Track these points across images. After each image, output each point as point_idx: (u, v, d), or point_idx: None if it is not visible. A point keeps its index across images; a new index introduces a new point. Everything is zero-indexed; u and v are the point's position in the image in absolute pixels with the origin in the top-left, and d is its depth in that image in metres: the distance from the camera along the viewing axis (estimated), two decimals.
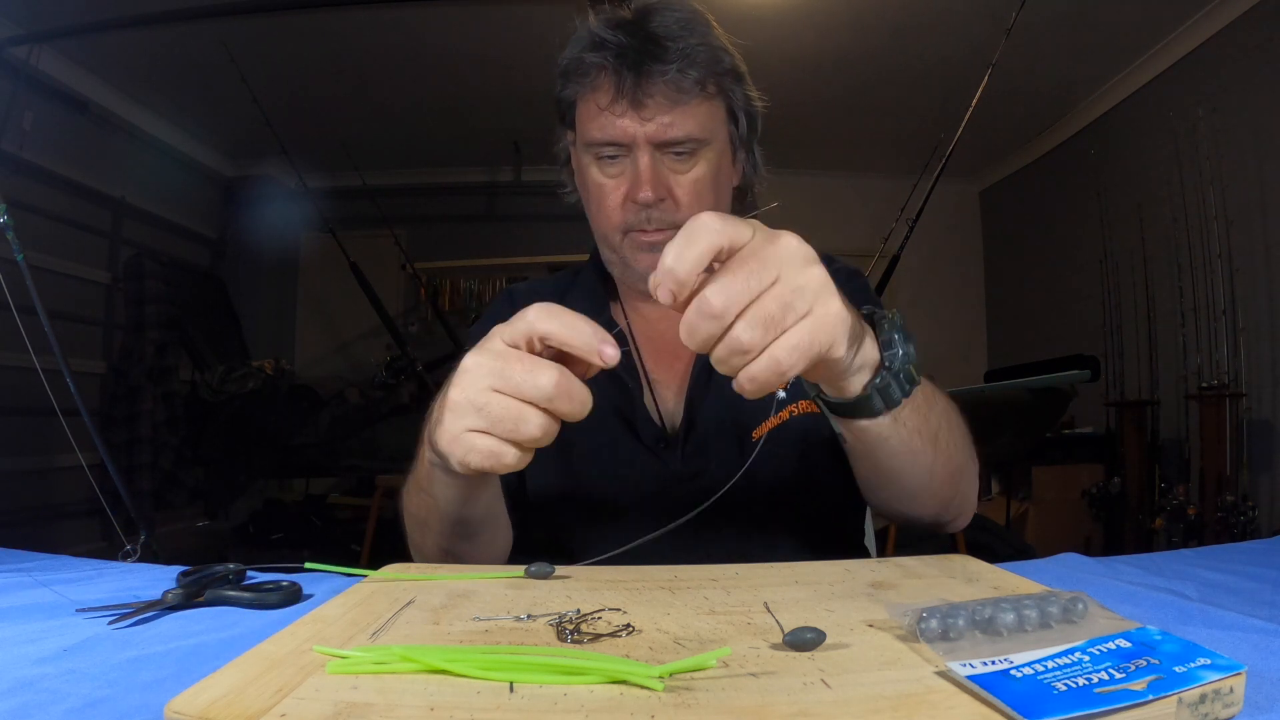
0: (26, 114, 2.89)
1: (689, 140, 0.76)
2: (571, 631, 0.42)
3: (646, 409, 0.82)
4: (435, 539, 0.68)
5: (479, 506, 0.65)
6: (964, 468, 0.68)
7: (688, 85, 0.74)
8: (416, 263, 4.18)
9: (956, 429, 0.66)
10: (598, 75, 0.76)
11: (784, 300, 0.44)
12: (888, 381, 0.55)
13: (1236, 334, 2.74)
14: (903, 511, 0.71)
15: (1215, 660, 0.33)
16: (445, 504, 0.62)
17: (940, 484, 0.66)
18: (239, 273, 4.31)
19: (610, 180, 0.78)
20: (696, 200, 0.77)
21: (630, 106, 0.75)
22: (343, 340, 4.66)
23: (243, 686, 0.35)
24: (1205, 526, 2.66)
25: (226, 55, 2.82)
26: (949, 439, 0.64)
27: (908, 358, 0.55)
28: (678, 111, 0.75)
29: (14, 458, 2.83)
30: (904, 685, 0.34)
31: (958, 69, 2.88)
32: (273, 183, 4.31)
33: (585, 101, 0.79)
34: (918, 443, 0.60)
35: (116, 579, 0.67)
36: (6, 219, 1.38)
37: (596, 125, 0.77)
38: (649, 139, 0.75)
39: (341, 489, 4.04)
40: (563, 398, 0.46)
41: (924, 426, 0.60)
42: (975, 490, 0.72)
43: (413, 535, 0.72)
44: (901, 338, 0.55)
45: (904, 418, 0.58)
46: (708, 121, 0.77)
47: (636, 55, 0.74)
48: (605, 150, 0.78)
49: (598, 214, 0.80)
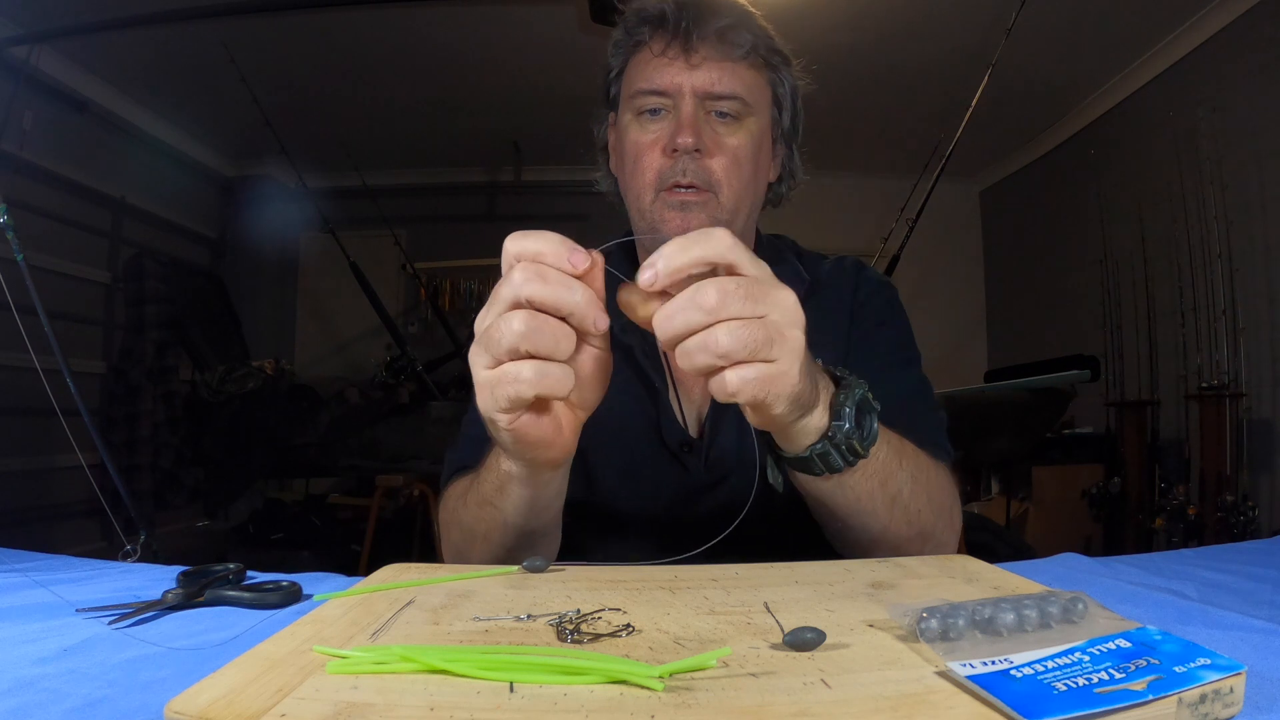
0: (26, 114, 2.88)
1: (734, 98, 0.77)
2: (571, 631, 0.42)
3: (671, 408, 0.82)
4: (491, 550, 0.67)
5: (548, 515, 0.65)
6: (930, 533, 0.67)
7: (740, 42, 0.76)
8: (416, 263, 4.18)
9: (925, 494, 0.65)
10: (652, 32, 0.78)
11: (768, 336, 0.46)
12: (828, 450, 0.56)
13: (1236, 334, 2.74)
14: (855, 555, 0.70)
15: (1215, 660, 0.33)
16: (513, 514, 0.62)
17: (898, 542, 0.65)
18: (239, 273, 4.31)
19: (650, 136, 0.78)
20: (734, 164, 0.77)
21: (682, 52, 0.76)
22: (343, 340, 4.66)
23: (243, 686, 0.35)
24: (1205, 526, 2.66)
25: (226, 55, 2.82)
26: (913, 503, 0.64)
27: (854, 431, 0.56)
28: (726, 66, 0.76)
29: (14, 458, 2.83)
30: (904, 685, 0.34)
31: (958, 69, 2.88)
32: (273, 183, 4.31)
33: (635, 58, 0.80)
34: (867, 505, 0.61)
35: (116, 579, 0.67)
36: (6, 219, 1.38)
37: (644, 75, 0.78)
38: (695, 89, 0.76)
39: (341, 489, 4.04)
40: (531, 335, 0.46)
41: (878, 490, 0.61)
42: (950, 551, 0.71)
43: (459, 546, 0.72)
44: (853, 412, 0.56)
45: (850, 482, 0.59)
46: (754, 88, 0.78)
47: (695, 9, 0.76)
48: (650, 102, 0.78)
49: (634, 173, 0.80)
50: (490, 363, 0.48)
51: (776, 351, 0.47)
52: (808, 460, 0.57)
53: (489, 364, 0.48)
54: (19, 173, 2.85)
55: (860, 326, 0.84)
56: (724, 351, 0.45)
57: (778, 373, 0.47)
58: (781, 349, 0.47)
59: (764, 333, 0.46)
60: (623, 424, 0.83)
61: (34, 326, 1.39)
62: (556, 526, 0.70)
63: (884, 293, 0.88)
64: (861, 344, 0.83)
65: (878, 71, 3.42)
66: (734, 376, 0.46)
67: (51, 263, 2.94)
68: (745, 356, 0.46)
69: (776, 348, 0.47)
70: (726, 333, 0.45)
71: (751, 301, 0.45)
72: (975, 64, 2.58)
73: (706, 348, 0.45)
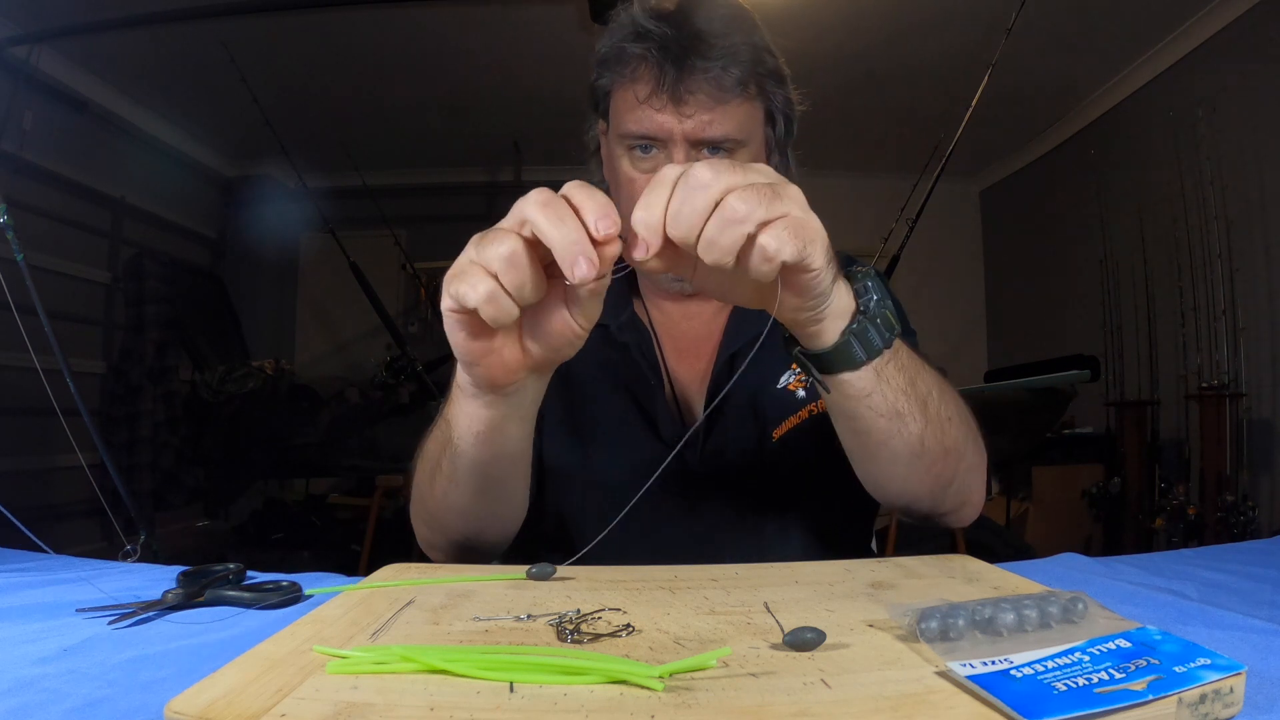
0: (26, 114, 2.88)
1: (726, 140, 0.75)
2: (571, 631, 0.42)
3: (667, 406, 0.82)
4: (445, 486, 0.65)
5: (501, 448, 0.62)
6: (961, 448, 0.66)
7: (729, 84, 0.73)
8: (416, 263, 4.18)
9: (953, 404, 0.64)
10: (638, 66, 0.75)
11: (774, 191, 0.45)
12: (865, 326, 0.55)
13: (1236, 334, 2.74)
14: (896, 491, 0.68)
15: (1215, 660, 0.33)
16: (463, 438, 0.60)
17: (933, 458, 0.63)
18: (239, 273, 4.31)
19: (642, 175, 0.77)
20: None
21: (670, 102, 0.73)
22: (343, 340, 4.66)
23: (243, 686, 0.35)
24: (1205, 526, 2.66)
25: (226, 55, 2.82)
26: (943, 409, 0.63)
27: (882, 303, 0.55)
28: (718, 111, 0.74)
29: (14, 458, 2.83)
30: (904, 685, 0.34)
31: (958, 69, 2.88)
32: (273, 183, 4.31)
33: (622, 91, 0.77)
34: (904, 404, 0.59)
35: (116, 579, 0.67)
36: (6, 219, 1.37)
37: (633, 118, 0.75)
38: (686, 136, 0.74)
39: (341, 489, 4.04)
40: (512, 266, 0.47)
41: (910, 389, 0.59)
42: (981, 482, 0.70)
43: (420, 490, 0.70)
44: (876, 285, 0.55)
45: (888, 374, 0.57)
46: (746, 122, 0.76)
47: (680, 49, 0.72)
48: (639, 143, 0.76)
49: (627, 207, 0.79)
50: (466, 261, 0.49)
51: (788, 204, 0.46)
52: (847, 346, 0.55)
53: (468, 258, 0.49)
54: (19, 173, 2.84)
55: None
56: (743, 215, 0.44)
57: (800, 220, 0.46)
58: (790, 201, 0.46)
59: (768, 189, 0.45)
60: (621, 421, 0.83)
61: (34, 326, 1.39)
62: (516, 480, 0.67)
63: None
64: None
65: (878, 71, 3.42)
66: (769, 237, 0.45)
67: (51, 263, 2.94)
68: (764, 215, 0.45)
69: (785, 201, 0.46)
70: (738, 198, 0.44)
71: (740, 172, 0.45)
72: (975, 64, 2.57)
73: (727, 220, 0.44)
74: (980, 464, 0.69)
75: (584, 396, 0.83)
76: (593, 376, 0.83)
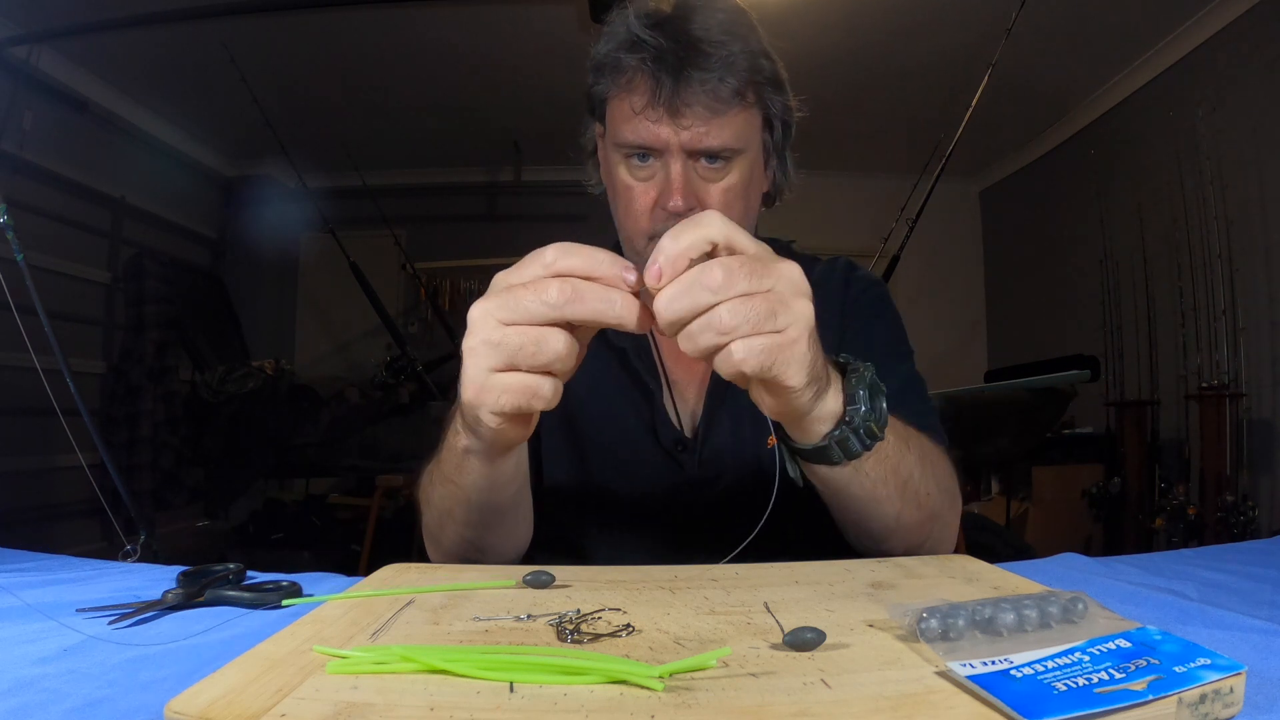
0: (26, 114, 2.88)
1: (724, 150, 0.74)
2: (571, 631, 0.42)
3: (666, 411, 0.82)
4: (458, 529, 0.66)
5: (507, 492, 0.63)
6: (938, 514, 0.67)
7: (726, 94, 0.72)
8: (416, 263, 4.18)
9: (932, 476, 0.65)
10: (634, 76, 0.74)
11: (771, 308, 0.45)
12: (846, 435, 0.56)
13: (1236, 334, 2.74)
14: (870, 550, 0.70)
15: (1215, 660, 0.33)
16: (473, 491, 0.61)
17: (909, 529, 0.65)
18: (239, 273, 4.30)
19: (639, 184, 0.76)
20: (726, 208, 0.75)
21: (667, 113, 0.72)
22: (343, 340, 4.66)
23: (243, 686, 0.35)
24: (1205, 526, 2.66)
25: (226, 55, 2.82)
26: (923, 486, 0.64)
27: (870, 414, 0.56)
28: (715, 121, 0.73)
29: (14, 458, 2.83)
30: (904, 685, 0.34)
31: (958, 69, 2.88)
32: (273, 183, 4.31)
33: (618, 100, 0.76)
34: (882, 491, 0.61)
35: (116, 579, 0.67)
36: (6, 219, 1.37)
37: (630, 128, 0.74)
38: (683, 147, 0.73)
39: (341, 489, 4.04)
40: (573, 303, 0.45)
41: (890, 476, 0.61)
42: (953, 532, 0.71)
43: (431, 528, 0.71)
44: (867, 394, 0.56)
45: (866, 469, 0.59)
46: (744, 131, 0.75)
47: (676, 60, 0.71)
48: (636, 152, 0.76)
49: (625, 216, 0.79)
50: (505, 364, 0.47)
51: (782, 321, 0.46)
52: (826, 449, 0.56)
53: (502, 366, 0.47)
54: (19, 173, 2.84)
55: (853, 322, 0.84)
56: (728, 328, 0.44)
57: (785, 341, 0.46)
58: (787, 317, 0.46)
59: (766, 305, 0.45)
60: (619, 425, 0.83)
61: (34, 326, 1.39)
62: (524, 501, 0.68)
63: (875, 289, 0.88)
64: (855, 339, 0.83)
65: (878, 71, 3.42)
66: (740, 346, 0.45)
67: (51, 263, 2.94)
68: (749, 330, 0.45)
69: (782, 317, 0.46)
70: (729, 310, 0.44)
71: (756, 277, 0.45)
72: (975, 64, 2.58)
73: (711, 326, 0.44)
74: (955, 519, 0.70)
75: (581, 400, 0.83)
76: (590, 380, 0.83)
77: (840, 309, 0.85)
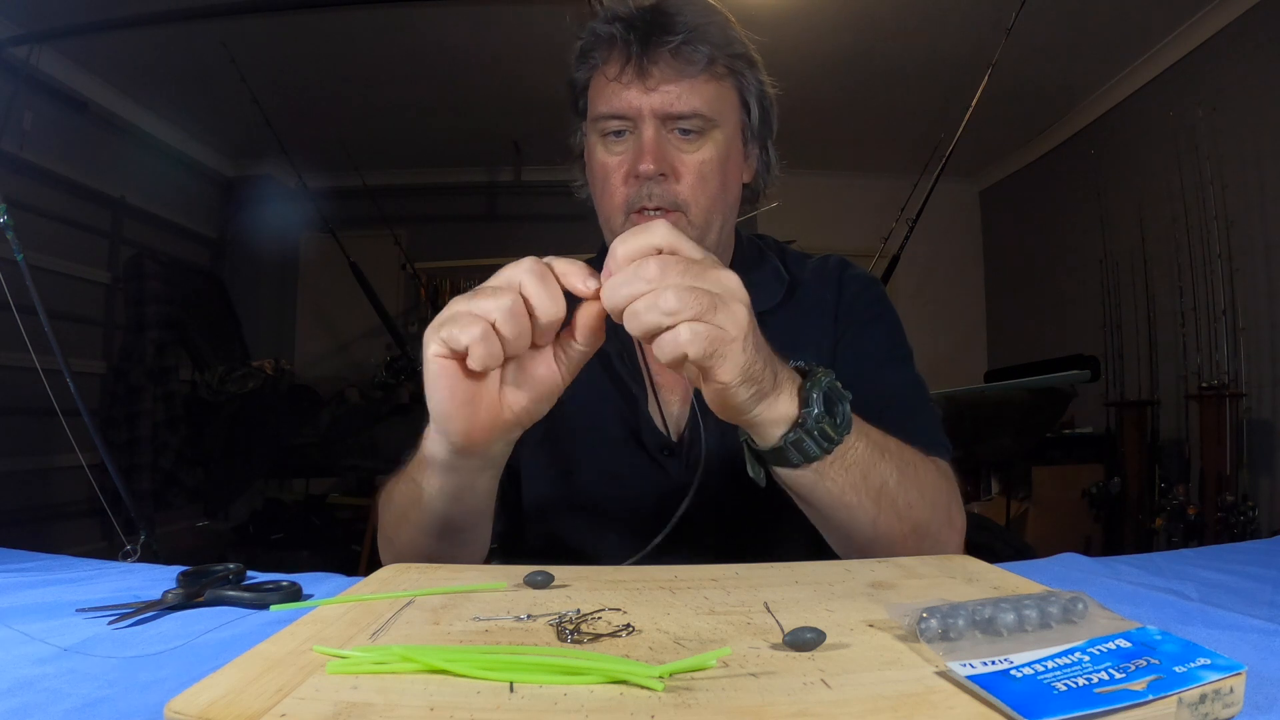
0: (26, 114, 2.88)
1: (695, 116, 0.75)
2: (571, 631, 0.42)
3: (651, 416, 0.82)
4: (413, 533, 0.66)
5: (468, 507, 0.63)
6: (923, 526, 0.65)
7: (696, 59, 0.74)
8: (416, 263, 4.18)
9: (915, 487, 0.64)
10: (609, 49, 0.77)
11: (712, 302, 0.48)
12: (800, 437, 0.56)
13: (1236, 334, 2.74)
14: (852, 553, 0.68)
15: (1215, 660, 0.33)
16: (433, 496, 0.61)
17: (891, 540, 0.64)
18: (239, 273, 4.30)
19: (615, 158, 0.77)
20: (700, 181, 0.76)
21: (636, 76, 0.74)
22: (343, 340, 4.66)
23: (243, 686, 0.35)
24: (1205, 526, 2.66)
25: (226, 55, 2.82)
26: (902, 496, 0.63)
27: (824, 417, 0.56)
28: (684, 84, 0.74)
29: (14, 458, 2.83)
30: (904, 685, 0.34)
31: (958, 69, 2.88)
32: (273, 183, 4.31)
33: (596, 77, 0.79)
34: (852, 498, 0.61)
35: (116, 579, 0.67)
36: (6, 219, 1.38)
37: (603, 98, 0.77)
38: (654, 110, 0.74)
39: (341, 489, 4.04)
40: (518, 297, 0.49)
41: (860, 483, 0.60)
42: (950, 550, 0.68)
43: (386, 530, 0.71)
44: (820, 398, 0.56)
45: (830, 473, 0.59)
46: (715, 102, 0.76)
47: (646, 27, 0.74)
48: (612, 125, 0.77)
49: (602, 195, 0.79)
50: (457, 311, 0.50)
51: (722, 319, 0.48)
52: (782, 450, 0.57)
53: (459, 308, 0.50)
54: (19, 173, 2.85)
55: (848, 325, 0.83)
56: (671, 309, 0.47)
57: (726, 336, 0.49)
58: (726, 317, 0.49)
59: (709, 299, 0.48)
60: (603, 429, 0.83)
61: (34, 326, 1.39)
62: (482, 526, 0.68)
63: (871, 290, 0.87)
64: (851, 343, 0.82)
65: (878, 71, 3.42)
66: (686, 329, 0.47)
67: (51, 263, 2.94)
68: (692, 315, 0.47)
69: (721, 315, 0.48)
70: (673, 293, 0.47)
71: (692, 276, 0.48)
72: (975, 64, 2.58)
73: (654, 306, 0.47)
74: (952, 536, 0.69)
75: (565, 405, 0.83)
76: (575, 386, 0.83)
77: (834, 311, 0.84)
